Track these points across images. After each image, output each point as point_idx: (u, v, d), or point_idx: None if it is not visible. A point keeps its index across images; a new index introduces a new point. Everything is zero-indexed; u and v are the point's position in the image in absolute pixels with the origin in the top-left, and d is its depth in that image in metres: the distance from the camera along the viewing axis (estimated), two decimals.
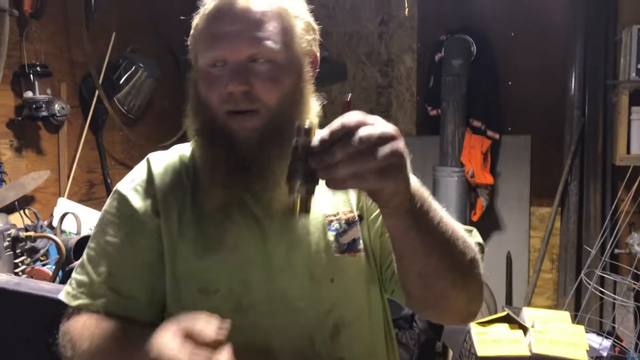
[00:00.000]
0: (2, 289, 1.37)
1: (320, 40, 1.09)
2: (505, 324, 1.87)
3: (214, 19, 0.96)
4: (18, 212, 2.57)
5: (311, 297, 0.99)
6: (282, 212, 1.00)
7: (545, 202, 3.58)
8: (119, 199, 1.03)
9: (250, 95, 0.93)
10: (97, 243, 1.02)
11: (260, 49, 0.94)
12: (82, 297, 0.99)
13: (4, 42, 2.48)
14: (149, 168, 1.05)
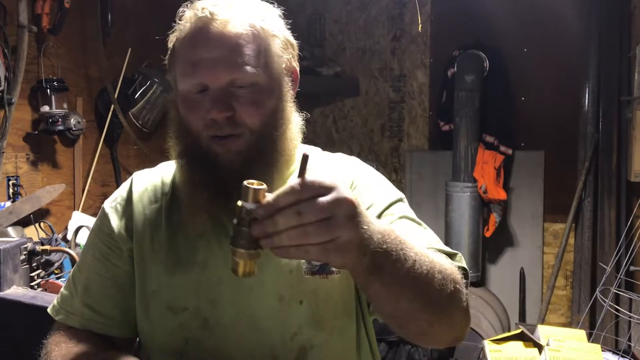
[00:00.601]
0: (19, 302, 1.38)
1: (299, 54, 1.07)
2: (520, 342, 1.85)
3: (190, 44, 0.95)
4: (33, 225, 2.59)
5: (278, 319, 0.97)
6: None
7: (559, 218, 3.55)
8: (102, 216, 1.07)
9: (233, 120, 0.93)
10: (82, 259, 1.06)
11: (239, 74, 0.93)
12: (62, 312, 1.03)
13: (23, 57, 2.53)
14: (130, 187, 1.08)
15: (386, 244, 0.74)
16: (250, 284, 0.96)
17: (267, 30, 0.98)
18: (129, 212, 1.04)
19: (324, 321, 0.99)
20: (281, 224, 0.67)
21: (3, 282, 1.41)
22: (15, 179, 2.67)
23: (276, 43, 0.99)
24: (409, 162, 3.89)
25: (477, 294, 3.25)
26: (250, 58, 0.93)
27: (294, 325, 0.97)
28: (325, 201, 0.67)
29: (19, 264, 1.50)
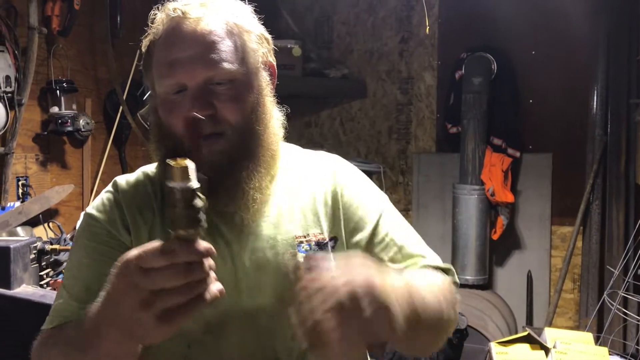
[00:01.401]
0: (28, 300, 1.39)
1: (271, 50, 1.06)
2: (527, 344, 1.85)
3: (165, 45, 0.94)
4: (42, 225, 2.61)
5: (278, 320, 0.96)
6: (250, 234, 0.99)
7: (566, 221, 3.54)
8: (87, 220, 1.03)
9: (214, 118, 0.92)
10: (72, 267, 1.01)
11: (217, 71, 0.92)
12: (55, 320, 0.98)
13: (33, 59, 2.55)
14: (115, 190, 1.04)
15: (407, 303, 0.78)
16: (249, 286, 0.96)
17: (240, 26, 0.97)
18: (121, 212, 1.01)
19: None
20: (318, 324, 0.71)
21: (13, 281, 1.42)
22: (25, 179, 2.70)
23: (251, 38, 0.98)
24: (417, 164, 3.89)
25: (484, 297, 3.25)
26: (226, 54, 0.93)
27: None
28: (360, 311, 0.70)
29: (29, 263, 1.52)
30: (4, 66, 2.40)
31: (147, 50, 0.99)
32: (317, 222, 1.03)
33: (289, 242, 1.00)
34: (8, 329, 1.40)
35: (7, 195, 2.57)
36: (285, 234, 1.00)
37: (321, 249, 1.01)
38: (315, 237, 1.01)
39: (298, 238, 1.00)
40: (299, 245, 1.00)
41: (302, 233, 1.01)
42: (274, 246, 0.99)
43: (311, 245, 1.00)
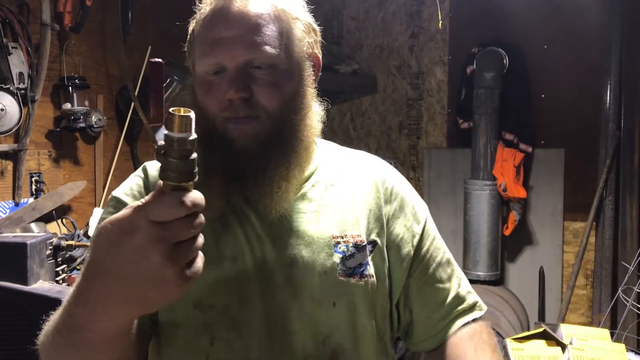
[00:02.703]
0: (45, 296, 1.40)
1: (322, 42, 1.04)
2: (542, 341, 1.83)
3: (210, 24, 0.93)
4: (56, 222, 2.62)
5: (310, 320, 0.93)
6: (285, 229, 0.95)
7: (579, 216, 3.52)
8: (115, 204, 1.00)
9: (250, 101, 0.90)
10: None
11: (258, 54, 0.90)
12: None
13: (45, 55, 2.56)
14: (145, 175, 1.03)
15: None
16: (280, 282, 0.93)
17: (288, 13, 0.95)
18: None
19: (357, 325, 0.96)
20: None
21: (30, 277, 1.43)
22: (38, 176, 2.71)
23: (298, 26, 0.96)
24: (428, 160, 3.87)
25: (496, 293, 3.23)
26: (269, 38, 0.91)
27: (325, 327, 0.94)
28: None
29: (45, 259, 1.52)
30: (18, 63, 2.41)
31: (192, 31, 0.98)
32: (356, 224, 0.99)
33: (325, 241, 0.96)
34: (25, 324, 1.40)
35: (20, 192, 2.59)
36: (323, 232, 0.97)
37: (359, 252, 0.98)
38: (353, 239, 0.98)
39: (335, 238, 0.97)
40: (335, 246, 0.96)
41: (340, 233, 0.98)
42: (310, 244, 0.96)
43: (348, 246, 0.97)
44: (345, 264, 0.96)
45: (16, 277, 1.42)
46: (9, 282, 1.42)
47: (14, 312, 1.41)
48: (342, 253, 0.96)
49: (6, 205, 2.56)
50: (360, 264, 0.97)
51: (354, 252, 0.97)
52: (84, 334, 0.71)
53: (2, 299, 1.41)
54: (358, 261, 0.97)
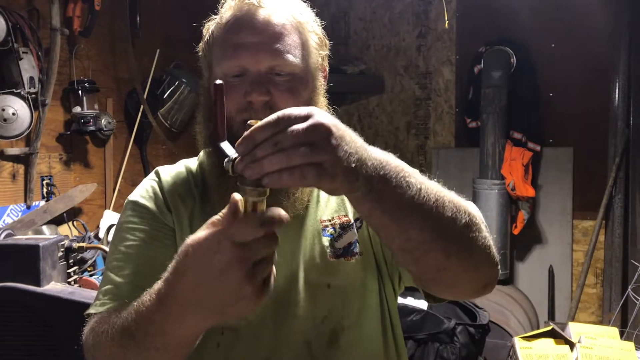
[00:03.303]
0: (58, 297, 1.42)
1: (329, 44, 1.09)
2: (551, 339, 1.83)
3: (234, 29, 0.97)
4: (66, 224, 2.65)
5: (308, 304, 0.99)
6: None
7: (588, 215, 3.51)
8: (133, 207, 1.04)
9: (269, 105, 0.94)
10: (117, 252, 1.02)
11: (280, 61, 0.96)
12: (108, 302, 0.97)
13: (55, 60, 2.59)
14: (158, 179, 1.07)
15: (384, 169, 0.74)
16: (283, 273, 0.98)
17: (306, 26, 1.01)
18: (164, 199, 1.04)
19: (352, 303, 1.01)
20: (259, 155, 0.67)
21: (42, 278, 1.45)
22: (49, 179, 2.74)
23: (313, 39, 1.02)
24: (436, 159, 3.88)
25: (505, 292, 3.23)
26: (291, 47, 0.97)
27: (323, 308, 0.99)
28: (301, 128, 0.67)
29: (57, 261, 1.54)
30: (28, 67, 2.44)
31: (211, 33, 1.02)
32: (341, 205, 1.06)
33: (314, 227, 1.03)
34: (38, 325, 1.42)
35: (32, 195, 2.62)
36: (312, 220, 1.04)
37: (345, 231, 1.03)
38: (339, 220, 1.04)
39: (323, 222, 1.04)
40: (324, 230, 1.03)
41: (327, 217, 1.04)
42: (303, 231, 1.02)
43: (335, 227, 1.03)
44: (334, 245, 1.02)
45: (29, 278, 1.45)
46: (23, 284, 1.44)
47: (27, 312, 1.43)
48: (330, 235, 1.02)
49: (18, 208, 2.59)
50: (349, 243, 1.03)
51: (341, 233, 1.03)
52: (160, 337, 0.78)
53: (15, 300, 1.43)
54: (347, 241, 1.03)
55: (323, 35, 1.06)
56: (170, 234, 1.02)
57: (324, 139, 0.68)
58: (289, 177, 0.67)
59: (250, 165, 0.68)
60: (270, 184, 0.68)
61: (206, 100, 1.03)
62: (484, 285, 0.91)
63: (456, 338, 2.42)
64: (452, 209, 0.80)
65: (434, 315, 2.35)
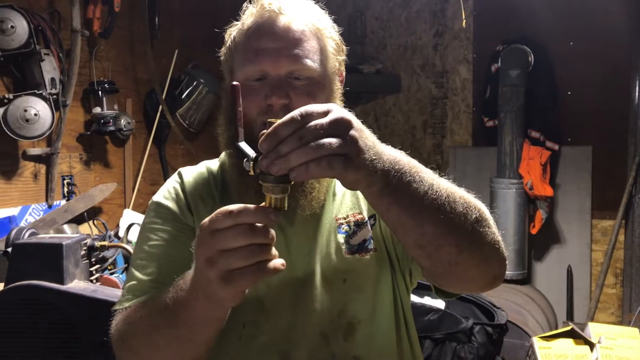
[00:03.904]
0: (81, 295, 1.45)
1: (343, 61, 1.11)
2: (570, 339, 1.83)
3: (255, 35, 1.01)
4: (87, 223, 2.69)
5: (325, 298, 1.02)
6: (301, 220, 1.04)
7: (607, 214, 3.48)
8: (156, 208, 1.09)
9: (288, 108, 0.96)
10: (141, 251, 1.06)
11: (299, 66, 1.00)
12: (132, 298, 1.01)
13: (76, 61, 2.62)
14: (181, 180, 1.11)
15: (398, 165, 0.77)
16: (300, 269, 1.02)
17: (324, 32, 1.05)
18: (185, 199, 1.08)
19: (367, 298, 1.04)
20: (284, 150, 0.69)
21: (66, 276, 1.48)
22: (70, 178, 2.78)
23: (331, 44, 1.06)
24: (453, 158, 3.86)
25: (523, 292, 3.21)
26: (309, 53, 1.01)
27: (339, 303, 1.03)
28: (324, 122, 0.70)
29: (80, 259, 1.57)
30: (50, 69, 2.47)
31: (233, 39, 1.06)
32: (356, 203, 1.09)
33: (329, 224, 1.07)
34: (62, 323, 1.45)
35: (53, 194, 2.66)
36: (328, 218, 1.07)
37: (360, 228, 1.06)
38: (354, 217, 1.08)
39: (338, 220, 1.07)
40: (339, 227, 1.07)
41: (343, 215, 1.08)
42: (319, 229, 1.06)
43: (350, 225, 1.07)
44: (349, 242, 1.06)
45: (53, 276, 1.47)
46: (46, 282, 1.47)
47: (51, 310, 1.46)
48: (345, 233, 1.06)
49: (40, 207, 2.63)
50: (364, 239, 1.06)
51: (356, 230, 1.06)
52: (185, 311, 0.84)
53: (39, 297, 1.46)
54: (361, 237, 1.06)
55: (340, 40, 1.09)
56: (192, 234, 1.05)
57: (346, 132, 0.71)
58: (316, 168, 0.69)
59: (276, 162, 0.70)
60: (297, 177, 0.70)
61: (227, 103, 1.06)
62: (493, 279, 0.94)
63: (474, 338, 2.41)
64: (463, 204, 0.83)
65: (452, 315, 2.35)
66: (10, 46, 2.32)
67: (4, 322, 1.48)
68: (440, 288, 0.98)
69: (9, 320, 1.48)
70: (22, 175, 2.56)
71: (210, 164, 1.15)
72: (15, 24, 2.31)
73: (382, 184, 0.75)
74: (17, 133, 2.37)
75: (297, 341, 1.01)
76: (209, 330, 0.86)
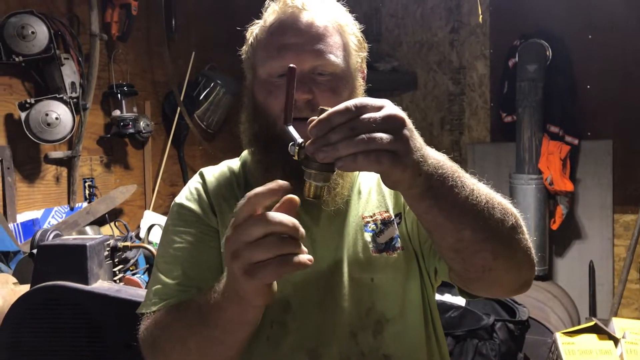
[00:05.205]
0: (105, 295, 1.46)
1: (365, 58, 1.11)
2: (594, 335, 1.81)
3: (278, 31, 1.01)
4: (108, 224, 2.72)
5: (353, 297, 1.01)
6: (327, 218, 1.04)
7: (629, 209, 3.43)
8: (179, 210, 1.08)
9: (311, 103, 0.97)
10: (165, 254, 1.06)
11: (323, 62, 0.99)
12: (159, 302, 1.01)
13: (95, 65, 2.65)
14: (203, 180, 1.11)
15: (442, 169, 0.76)
16: (326, 267, 1.02)
17: (347, 28, 1.05)
18: (209, 200, 1.07)
19: (395, 296, 1.03)
20: (334, 139, 0.69)
21: (90, 277, 1.50)
22: (91, 181, 2.81)
23: (353, 40, 1.05)
24: (471, 155, 3.84)
25: (544, 288, 3.19)
26: (333, 49, 1.00)
27: (367, 301, 1.02)
28: (378, 116, 0.69)
29: (103, 260, 1.59)
30: (70, 73, 2.51)
31: (255, 36, 1.06)
32: (382, 201, 1.08)
33: (356, 223, 1.06)
34: (86, 323, 1.47)
35: (75, 197, 2.69)
36: (354, 216, 1.06)
37: (387, 227, 1.05)
38: (381, 216, 1.06)
39: (365, 218, 1.06)
40: (365, 225, 1.05)
41: (369, 213, 1.07)
42: (346, 227, 1.05)
43: (377, 223, 1.06)
44: (376, 240, 1.04)
45: (77, 277, 1.49)
46: (71, 282, 1.49)
47: (76, 310, 1.48)
48: (372, 231, 1.05)
49: (62, 210, 2.67)
50: (391, 238, 1.05)
51: (383, 229, 1.05)
52: (218, 313, 0.83)
53: (64, 298, 1.48)
54: (389, 236, 1.05)
55: (362, 37, 1.09)
56: (215, 236, 1.05)
57: (399, 129, 0.71)
58: (364, 160, 0.68)
59: (323, 149, 0.69)
60: (344, 167, 0.70)
61: (250, 100, 1.05)
62: (522, 285, 0.94)
63: (495, 334, 2.40)
64: (501, 211, 0.83)
65: (473, 312, 2.34)
66: (31, 51, 2.36)
67: (30, 323, 1.50)
68: (467, 291, 0.97)
69: (35, 321, 1.50)
70: (45, 178, 2.60)
71: (232, 164, 1.15)
72: (35, 30, 2.34)
73: (425, 187, 0.75)
74: (39, 137, 2.41)
75: (326, 340, 1.00)
76: (241, 332, 0.85)
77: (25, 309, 1.51)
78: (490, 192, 0.84)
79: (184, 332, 0.90)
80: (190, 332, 0.89)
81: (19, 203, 2.47)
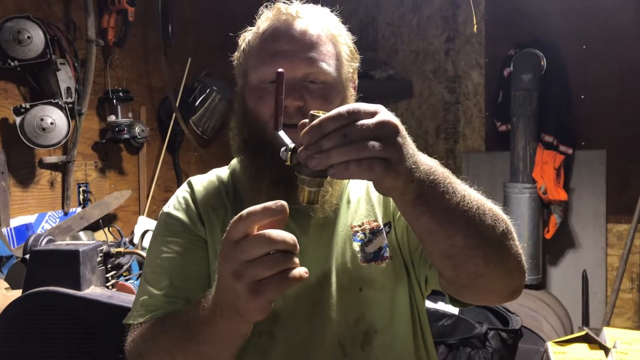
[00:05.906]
0: (97, 301, 1.46)
1: (356, 68, 1.11)
2: (585, 344, 1.82)
3: (271, 37, 1.01)
4: (102, 230, 2.72)
5: (341, 307, 1.01)
6: (315, 227, 1.04)
7: (623, 218, 3.45)
8: (167, 219, 1.07)
9: (302, 110, 0.96)
10: (153, 264, 1.05)
11: (315, 69, 0.99)
12: (145, 313, 1.01)
13: (91, 70, 2.66)
14: (191, 189, 1.10)
15: (433, 175, 0.76)
16: (315, 277, 1.01)
17: (339, 38, 1.05)
18: (196, 209, 1.06)
19: (384, 306, 1.03)
20: (326, 146, 0.68)
21: (83, 282, 1.50)
22: (85, 186, 2.81)
23: (345, 50, 1.06)
24: (466, 163, 3.86)
25: (537, 297, 3.19)
26: (326, 57, 1.01)
27: (355, 311, 1.01)
28: (371, 123, 0.68)
29: (96, 266, 1.59)
30: (65, 78, 2.51)
31: (248, 42, 1.06)
32: (371, 211, 1.08)
33: (345, 232, 1.05)
34: (79, 328, 1.47)
35: (69, 202, 2.69)
36: (343, 225, 1.06)
37: (375, 236, 1.05)
38: (369, 225, 1.06)
39: (353, 228, 1.06)
40: (354, 235, 1.05)
41: (357, 223, 1.06)
42: (334, 237, 1.04)
43: (366, 233, 1.05)
44: (364, 250, 1.04)
45: (70, 283, 1.49)
46: (64, 288, 1.49)
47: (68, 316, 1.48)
48: (361, 241, 1.05)
49: (56, 215, 2.67)
50: (379, 247, 1.05)
51: (371, 238, 1.05)
52: (207, 328, 0.82)
53: (57, 303, 1.48)
54: (377, 245, 1.05)
55: (354, 48, 1.09)
56: (203, 246, 1.04)
57: (392, 136, 0.70)
58: (356, 169, 0.68)
59: (316, 156, 0.69)
60: (336, 175, 0.69)
61: (240, 106, 1.05)
62: (513, 292, 0.94)
63: (488, 343, 2.40)
64: (492, 217, 0.83)
65: (466, 320, 2.34)
66: (27, 56, 2.36)
67: (22, 328, 1.50)
68: (458, 298, 0.96)
69: (28, 326, 1.50)
70: (39, 183, 2.59)
71: (221, 172, 1.14)
72: (31, 35, 2.35)
73: (416, 193, 0.74)
74: (33, 142, 2.41)
75: (314, 351, 0.99)
76: (231, 346, 0.85)
77: (17, 314, 1.51)
78: (481, 198, 0.84)
79: (172, 347, 0.89)
80: (178, 347, 0.88)
81: (12, 207, 2.46)
